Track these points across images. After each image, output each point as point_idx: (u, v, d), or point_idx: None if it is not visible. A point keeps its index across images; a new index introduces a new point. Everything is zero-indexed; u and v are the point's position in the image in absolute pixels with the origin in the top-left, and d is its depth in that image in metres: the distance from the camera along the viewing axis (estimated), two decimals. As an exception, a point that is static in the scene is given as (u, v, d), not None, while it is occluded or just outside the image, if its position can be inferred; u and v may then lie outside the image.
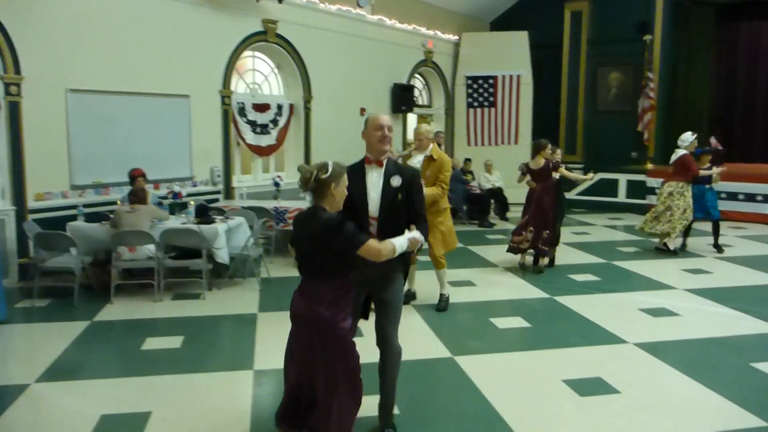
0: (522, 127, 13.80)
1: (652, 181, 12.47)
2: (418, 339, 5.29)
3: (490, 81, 13.82)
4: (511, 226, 11.04)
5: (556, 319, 5.86)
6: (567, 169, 8.13)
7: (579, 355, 4.91)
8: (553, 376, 4.47)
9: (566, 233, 10.34)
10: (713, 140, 13.03)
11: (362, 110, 11.60)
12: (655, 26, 12.95)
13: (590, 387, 4.27)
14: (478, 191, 11.50)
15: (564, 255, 8.67)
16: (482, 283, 7.10)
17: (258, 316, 5.92)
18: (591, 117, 13.96)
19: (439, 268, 6.13)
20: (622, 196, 13.09)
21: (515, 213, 12.14)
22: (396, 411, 3.88)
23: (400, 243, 3.12)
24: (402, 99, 12.44)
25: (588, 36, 13.79)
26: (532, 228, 7.52)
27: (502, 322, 5.69)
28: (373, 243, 3.00)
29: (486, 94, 13.88)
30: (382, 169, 3.48)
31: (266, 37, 9.67)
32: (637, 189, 12.88)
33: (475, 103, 13.92)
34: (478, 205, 11.32)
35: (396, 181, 3.43)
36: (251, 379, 4.44)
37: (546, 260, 7.77)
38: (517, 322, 5.74)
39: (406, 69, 12.84)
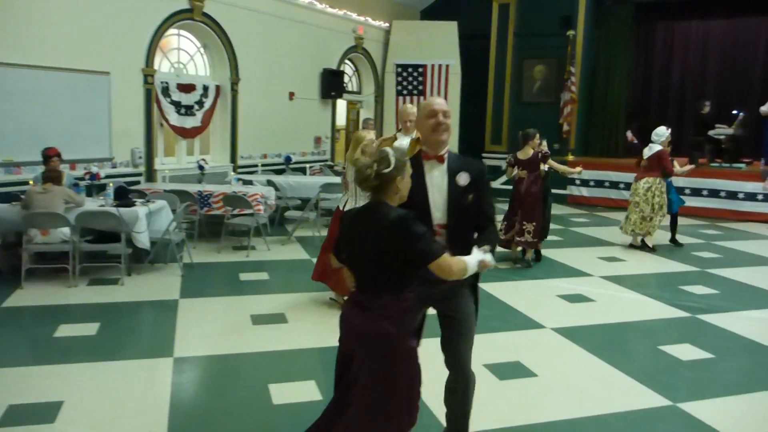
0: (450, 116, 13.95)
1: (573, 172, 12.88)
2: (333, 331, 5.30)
3: (420, 69, 13.91)
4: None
5: (481, 306, 5.96)
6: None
7: (499, 340, 5.05)
8: (474, 360, 4.55)
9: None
10: (629, 134, 13.59)
11: (291, 94, 11.46)
12: (578, 22, 13.35)
13: (509, 371, 4.41)
14: (406, 179, 11.59)
15: (488, 243, 8.87)
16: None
17: (179, 302, 5.78)
18: (516, 108, 14.29)
19: None
20: (544, 186, 13.48)
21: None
22: (320, 397, 3.89)
23: (471, 264, 2.59)
24: (332, 84, 12.35)
25: (515, 29, 14.08)
26: (516, 219, 7.40)
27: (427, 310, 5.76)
28: (447, 258, 2.50)
29: (415, 83, 13.97)
30: (444, 165, 2.87)
31: (192, 15, 9.37)
32: (558, 179, 13.28)
33: (405, 91, 13.99)
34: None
35: (464, 179, 2.84)
36: (171, 366, 4.33)
37: (531, 253, 7.62)
38: (440, 308, 5.83)
39: (337, 54, 12.75)
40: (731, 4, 13.04)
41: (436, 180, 2.85)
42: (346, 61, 13.42)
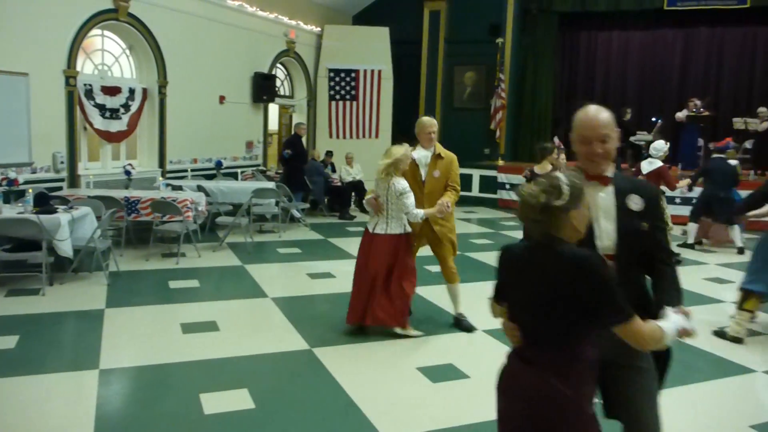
0: (383, 121, 14.08)
1: (503, 177, 13.23)
2: (275, 331, 5.26)
3: (352, 74, 13.95)
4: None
5: (412, 310, 6.05)
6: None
7: (433, 343, 5.12)
8: (408, 364, 4.63)
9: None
10: (556, 140, 14.05)
11: (222, 98, 11.27)
12: (506, 30, 13.73)
13: (442, 373, 4.48)
14: (339, 184, 11.59)
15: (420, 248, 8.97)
16: (342, 275, 7.17)
17: (105, 312, 5.58)
18: (447, 114, 14.53)
19: (454, 281, 5.48)
20: (475, 191, 13.76)
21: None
22: (252, 405, 3.84)
23: (669, 332, 2.08)
24: (263, 88, 12.22)
25: (445, 35, 14.33)
26: None
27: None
28: (639, 323, 1.99)
29: (348, 87, 14.00)
30: (611, 187, 2.38)
31: (117, 15, 9.08)
32: (489, 184, 13.60)
33: (337, 96, 14.00)
34: (338, 198, 11.42)
35: (636, 203, 2.35)
36: (96, 379, 4.18)
37: None
38: (374, 312, 5.86)
39: (268, 58, 12.64)
40: (649, 17, 13.70)
41: (603, 203, 2.37)
42: (278, 65, 13.32)
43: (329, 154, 12.24)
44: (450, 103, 14.55)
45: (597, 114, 2.39)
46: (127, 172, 8.73)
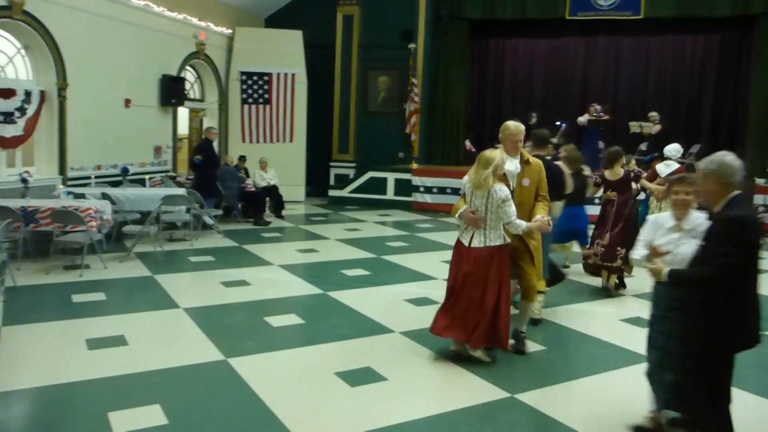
0: (297, 125, 13.97)
1: (417, 180, 13.41)
2: (188, 343, 5.10)
3: (265, 78, 13.77)
4: (288, 224, 11.22)
5: (329, 314, 6.04)
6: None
7: (350, 348, 5.11)
8: (326, 369, 4.60)
9: (338, 230, 10.74)
10: (467, 143, 14.43)
11: (127, 101, 10.84)
12: (418, 36, 13.93)
13: (360, 377, 4.47)
14: (253, 189, 11.40)
15: (336, 251, 8.97)
16: (257, 282, 7.05)
17: (1, 330, 5.22)
18: (362, 118, 14.60)
19: (531, 300, 5.07)
20: (390, 194, 13.87)
21: (290, 211, 12.29)
22: (165, 421, 3.71)
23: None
24: (172, 91, 11.85)
25: (359, 40, 14.39)
26: (602, 242, 6.78)
27: (277, 321, 5.71)
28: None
29: (261, 91, 13.80)
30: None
31: (11, 13, 8.55)
32: (404, 187, 13.74)
33: (250, 99, 13.77)
34: (252, 204, 11.22)
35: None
36: (-8, 402, 3.91)
37: (614, 279, 6.94)
38: (291, 319, 5.80)
39: (177, 60, 12.26)
40: (552, 25, 14.27)
41: None
42: (188, 68, 12.95)
43: (242, 158, 12.00)
44: (364, 107, 14.62)
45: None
46: (24, 180, 8.23)
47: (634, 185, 7.01)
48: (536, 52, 15.71)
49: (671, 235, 3.50)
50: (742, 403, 4.24)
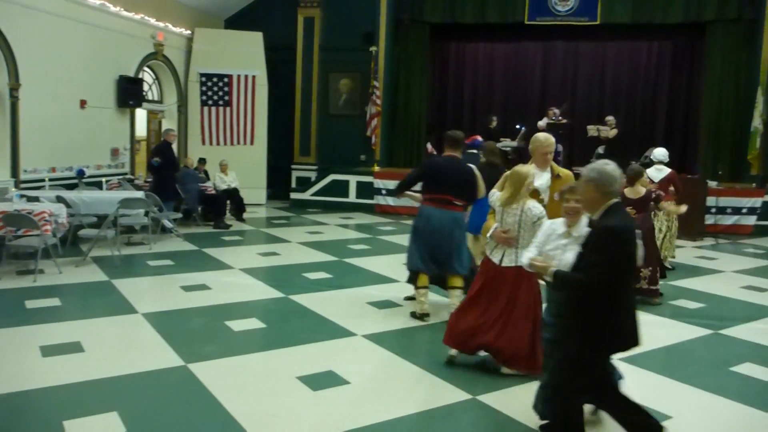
0: (258, 127, 13.86)
1: (379, 183, 13.42)
2: (146, 348, 5.01)
3: (225, 80, 13.62)
4: (249, 228, 11.11)
5: (291, 318, 6.01)
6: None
7: (312, 351, 5.09)
8: (287, 374, 4.57)
9: (300, 233, 10.69)
10: (429, 146, 14.51)
11: (83, 102, 10.60)
12: (380, 38, 13.96)
13: (322, 381, 4.46)
14: (213, 192, 11.25)
15: (298, 254, 8.93)
16: (217, 287, 6.96)
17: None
18: (323, 120, 14.55)
19: None
20: (352, 197, 13.85)
21: (251, 214, 12.18)
22: (123, 429, 3.64)
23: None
24: (129, 93, 11.62)
25: (320, 42, 14.34)
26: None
27: (238, 325, 5.65)
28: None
29: (221, 93, 13.65)
30: None
31: (-42, 11, 8.30)
32: (365, 189, 13.74)
33: (210, 102, 13.61)
34: (213, 206, 11.08)
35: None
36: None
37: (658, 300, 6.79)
38: (252, 323, 5.75)
39: (134, 61, 12.04)
40: (511, 30, 14.45)
41: None
42: (145, 69, 12.73)
43: (202, 161, 11.85)
44: (326, 109, 14.58)
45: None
46: (-26, 183, 7.98)
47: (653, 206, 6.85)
48: (496, 56, 15.92)
49: (560, 240, 3.59)
50: (699, 402, 4.38)
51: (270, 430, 3.73)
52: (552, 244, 3.58)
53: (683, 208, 7.44)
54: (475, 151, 9.54)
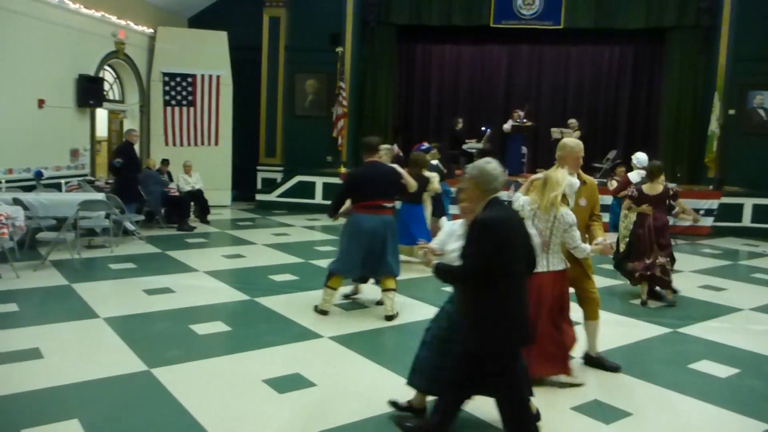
0: (222, 128, 13.70)
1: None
2: (108, 354, 4.91)
3: (189, 79, 13.44)
4: (213, 230, 10.98)
5: (256, 321, 5.95)
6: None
7: (278, 354, 5.05)
8: (253, 377, 4.53)
9: (266, 235, 10.60)
10: (395, 147, 14.52)
11: (41, 102, 10.33)
12: (346, 39, 13.95)
13: (289, 383, 4.43)
14: (177, 193, 11.09)
15: (263, 256, 8.87)
16: (182, 290, 6.87)
17: None
18: (289, 121, 14.47)
19: (596, 318, 4.90)
20: (319, 198, 13.79)
21: (216, 216, 12.03)
22: (83, 436, 3.56)
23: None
24: (89, 92, 11.37)
25: (286, 42, 14.26)
26: (650, 260, 6.76)
27: (202, 328, 5.58)
28: None
29: (185, 93, 13.47)
30: None
31: None
32: (332, 191, 13.63)
33: (173, 102, 13.41)
34: (176, 208, 10.92)
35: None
36: None
37: (670, 294, 6.98)
38: (217, 326, 5.68)
39: (94, 60, 11.79)
40: (477, 33, 14.59)
41: None
42: (106, 67, 12.49)
43: (165, 162, 11.67)
44: (292, 110, 14.50)
45: None
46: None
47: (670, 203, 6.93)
48: (462, 59, 16.04)
49: (460, 241, 3.61)
50: (658, 400, 4.47)
51: (235, 435, 3.70)
52: (453, 244, 3.64)
53: (688, 208, 7.54)
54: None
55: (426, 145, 9.99)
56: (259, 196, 14.08)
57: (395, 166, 6.35)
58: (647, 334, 5.89)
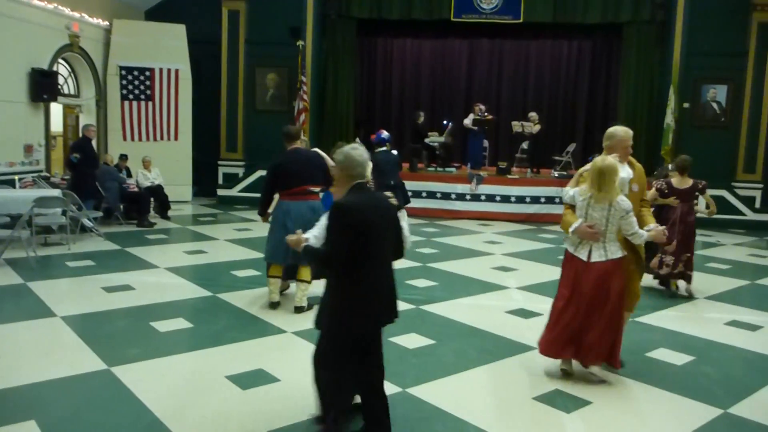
0: (182, 122, 13.49)
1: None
2: (66, 353, 4.81)
3: (147, 73, 13.19)
4: (174, 225, 10.82)
5: (219, 317, 5.89)
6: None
7: (241, 350, 5.02)
8: (216, 373, 4.50)
9: (228, 230, 10.50)
10: (357, 141, 14.51)
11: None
12: (307, 33, 13.84)
13: (252, 379, 4.42)
14: (136, 189, 10.89)
15: (226, 252, 8.78)
16: (142, 287, 6.75)
17: None
18: (250, 116, 14.32)
19: (632, 310, 4.95)
20: (281, 193, 13.68)
21: (177, 211, 11.86)
22: (40, 438, 3.49)
23: None
24: (43, 86, 11.07)
25: (246, 36, 14.10)
26: (669, 252, 6.79)
27: (164, 325, 5.50)
28: None
29: (142, 87, 13.21)
30: None
31: None
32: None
33: (131, 96, 13.15)
34: (136, 204, 10.72)
35: None
36: None
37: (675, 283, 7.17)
38: (179, 323, 5.61)
39: (48, 53, 11.47)
40: (438, 27, 14.64)
41: None
42: (60, 61, 12.17)
43: (123, 157, 11.44)
44: (252, 105, 14.35)
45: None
46: None
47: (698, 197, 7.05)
48: (423, 53, 16.10)
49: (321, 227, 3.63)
50: (617, 388, 4.59)
51: (198, 431, 3.67)
52: (314, 230, 3.66)
53: (713, 202, 7.43)
54: (385, 148, 9.65)
55: (385, 133, 9.97)
56: (220, 192, 13.91)
57: (317, 149, 6.38)
58: (605, 323, 6.02)
